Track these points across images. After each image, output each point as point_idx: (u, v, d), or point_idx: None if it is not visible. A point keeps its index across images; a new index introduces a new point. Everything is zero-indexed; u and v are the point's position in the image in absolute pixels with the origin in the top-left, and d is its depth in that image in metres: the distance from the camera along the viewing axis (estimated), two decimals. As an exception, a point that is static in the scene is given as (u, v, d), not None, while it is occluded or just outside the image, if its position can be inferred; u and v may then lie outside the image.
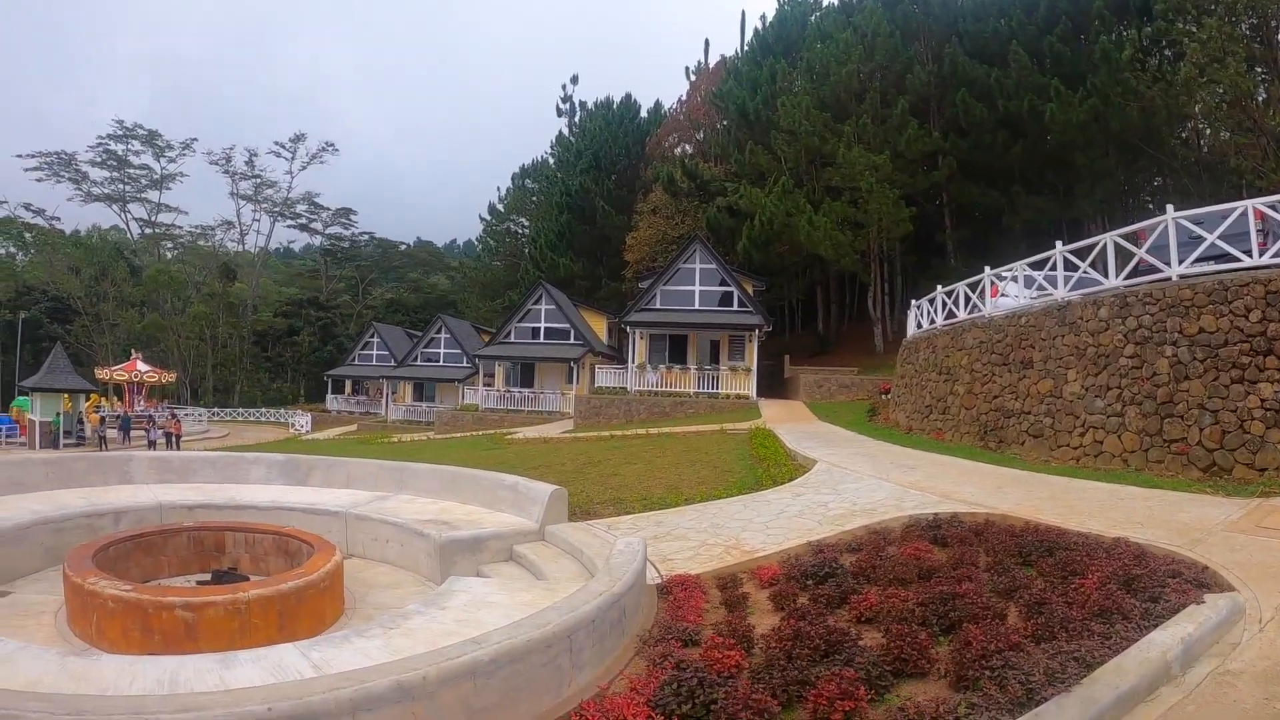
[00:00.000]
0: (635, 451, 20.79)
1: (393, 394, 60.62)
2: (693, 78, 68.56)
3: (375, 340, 66.74)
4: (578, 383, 42.78)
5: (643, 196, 58.42)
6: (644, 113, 69.99)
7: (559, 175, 70.63)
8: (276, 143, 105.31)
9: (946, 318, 20.28)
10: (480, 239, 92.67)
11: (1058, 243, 16.12)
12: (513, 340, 46.66)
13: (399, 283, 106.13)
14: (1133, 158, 38.67)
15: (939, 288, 21.15)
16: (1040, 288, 16.57)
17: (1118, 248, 14.54)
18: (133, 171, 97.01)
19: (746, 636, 6.11)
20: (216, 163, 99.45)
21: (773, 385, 39.29)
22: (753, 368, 35.78)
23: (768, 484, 13.34)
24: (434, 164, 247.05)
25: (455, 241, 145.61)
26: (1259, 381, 11.32)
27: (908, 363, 22.74)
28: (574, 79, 77.21)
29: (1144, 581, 6.52)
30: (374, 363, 65.50)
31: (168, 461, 13.94)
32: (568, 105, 76.43)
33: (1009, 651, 5.22)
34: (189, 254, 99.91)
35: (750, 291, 39.95)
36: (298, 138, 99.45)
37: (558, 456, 21.75)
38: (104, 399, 52.54)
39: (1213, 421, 11.62)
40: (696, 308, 39.03)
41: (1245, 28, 31.67)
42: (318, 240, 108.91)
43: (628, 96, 69.71)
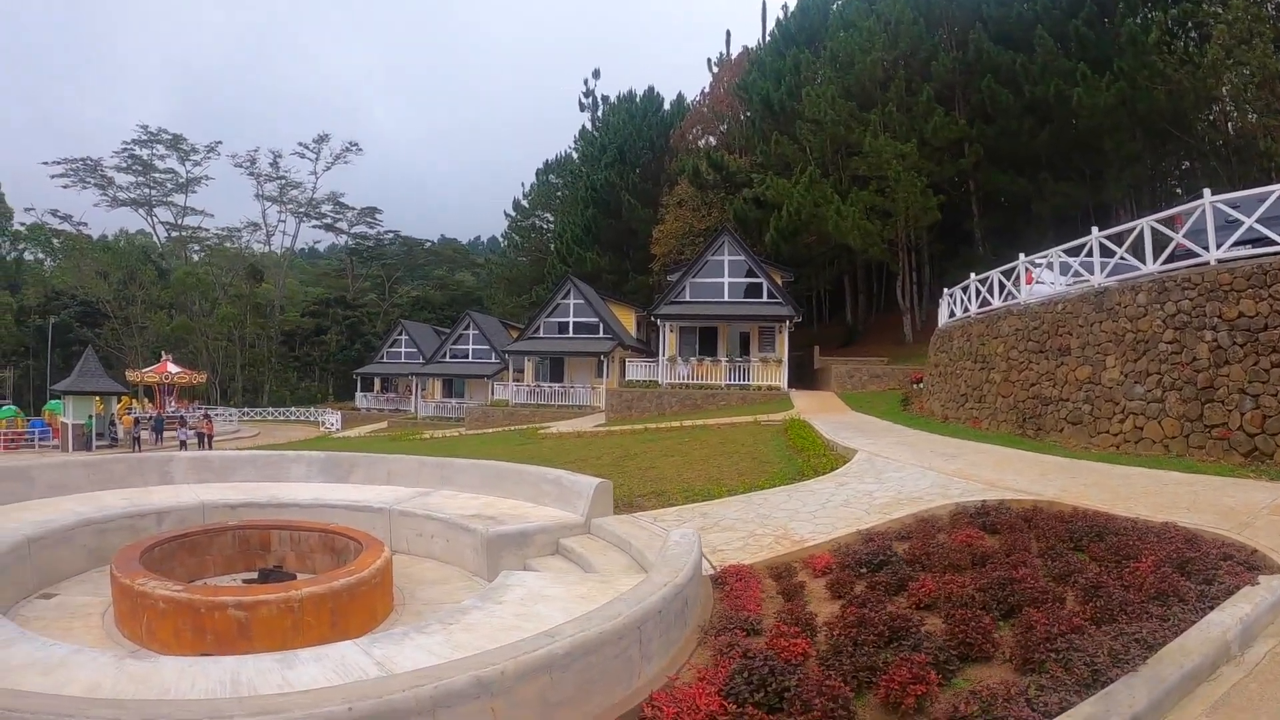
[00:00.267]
0: (671, 444, 20.82)
1: (422, 391, 60.89)
2: (715, 69, 68.49)
3: (403, 338, 67.18)
4: (608, 377, 42.94)
5: (668, 189, 58.50)
6: (667, 106, 70.01)
7: (583, 170, 70.75)
8: (300, 144, 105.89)
9: (980, 306, 20.19)
10: (505, 235, 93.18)
11: (1093, 228, 16.05)
12: (542, 335, 46.83)
13: (424, 280, 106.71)
14: (1160, 141, 38.30)
15: (972, 276, 21.06)
16: (1076, 274, 16.52)
17: (1154, 232, 14.50)
18: (158, 176, 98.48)
19: (809, 624, 6.22)
20: (241, 165, 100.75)
21: (802, 376, 39.25)
22: (783, 359, 35.80)
23: (809, 474, 13.36)
24: (456, 162, 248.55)
25: (479, 238, 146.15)
26: (1300, 366, 11.29)
27: (941, 351, 22.72)
28: (596, 73, 77.99)
29: (1197, 564, 6.60)
30: (402, 360, 65.91)
31: (208, 461, 14.01)
32: (590, 100, 76.81)
33: (1071, 634, 5.35)
34: (215, 256, 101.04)
35: (779, 282, 39.90)
36: (321, 139, 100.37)
37: (593, 450, 21.79)
38: (135, 401, 53.19)
39: (1254, 406, 11.59)
40: (726, 299, 39.03)
41: (1272, 8, 31.41)
42: (343, 240, 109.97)
43: (650, 89, 69.75)
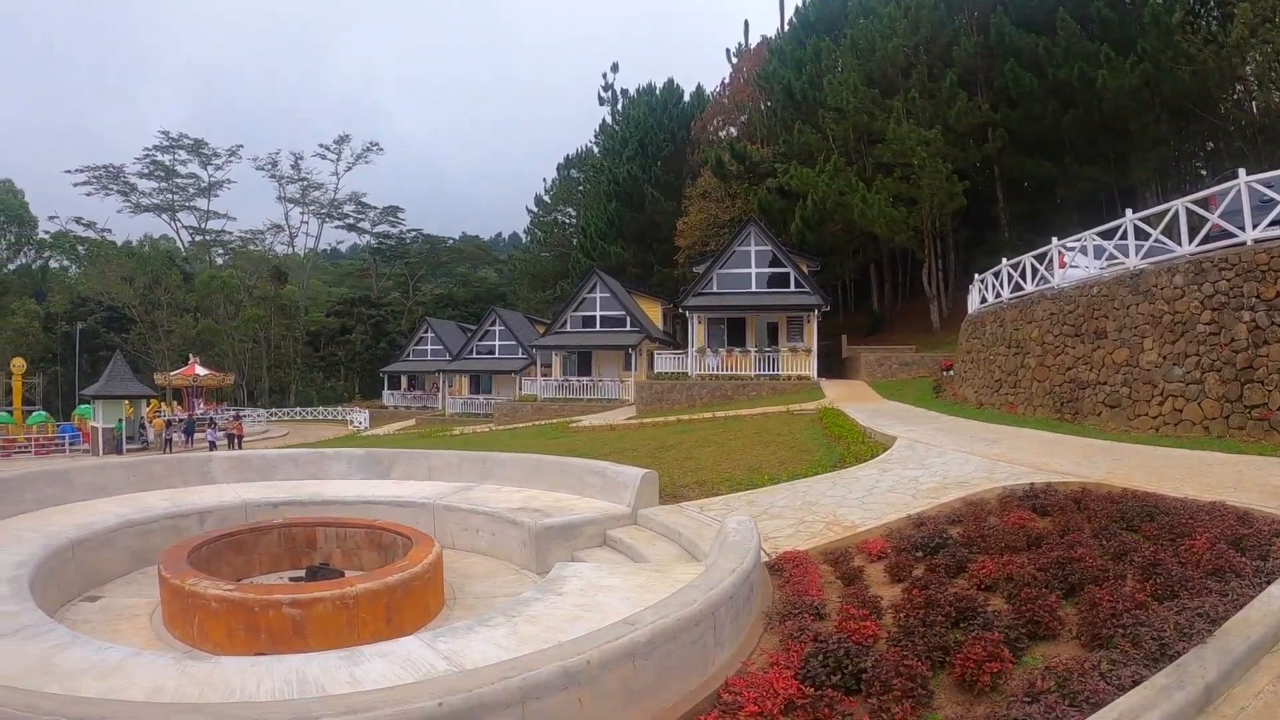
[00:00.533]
0: (706, 434, 20.92)
1: (449, 387, 61.25)
2: (734, 60, 68.34)
3: (429, 335, 67.57)
4: (636, 369, 43.09)
5: (691, 181, 58.48)
6: (686, 97, 69.83)
7: (605, 164, 70.83)
8: (321, 145, 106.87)
9: (1013, 291, 20.20)
10: (528, 230, 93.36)
11: (1127, 211, 16.07)
12: (569, 329, 47.01)
13: (447, 278, 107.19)
14: (1185, 123, 38.06)
15: (1004, 261, 21.05)
16: (1110, 257, 16.53)
17: (1188, 213, 14.46)
18: (180, 181, 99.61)
19: (876, 607, 6.33)
20: (263, 168, 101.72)
21: (831, 365, 39.32)
22: (813, 348, 35.83)
23: (851, 461, 13.45)
24: (476, 159, 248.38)
25: (500, 235, 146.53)
26: (1340, 344, 11.32)
27: (974, 338, 22.73)
28: (614, 67, 77.93)
29: (1251, 541, 6.70)
30: (429, 358, 66.31)
31: (248, 460, 14.05)
32: (609, 94, 76.79)
33: (1136, 610, 5.47)
34: (239, 258, 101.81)
35: (805, 272, 39.94)
36: (342, 139, 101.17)
37: (628, 442, 21.86)
38: (163, 404, 53.81)
39: (1294, 386, 11.65)
40: (753, 290, 39.11)
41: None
42: (365, 240, 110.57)
43: (670, 82, 69.73)
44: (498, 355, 58.32)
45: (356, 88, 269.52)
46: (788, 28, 59.73)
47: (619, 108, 74.09)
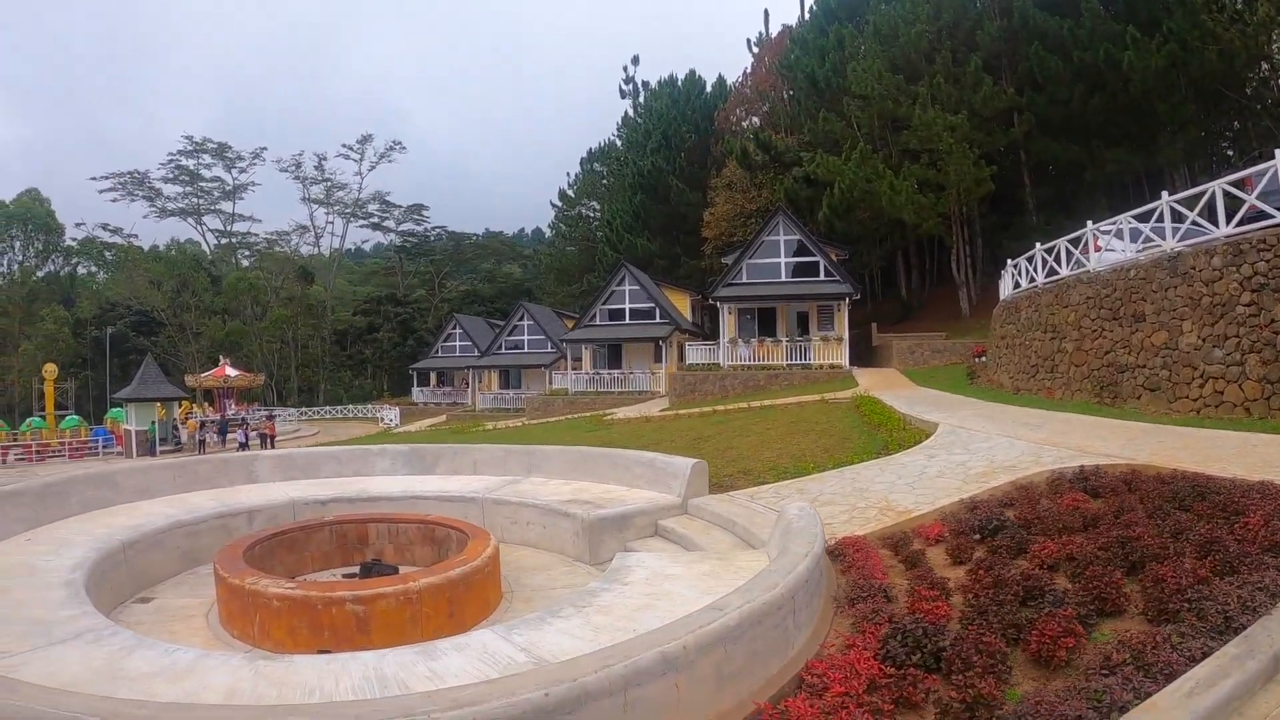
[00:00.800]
0: (743, 425, 21.02)
1: (479, 383, 61.54)
2: (755, 49, 68.07)
3: (457, 331, 67.88)
4: (666, 361, 43.27)
5: (715, 172, 58.43)
6: (709, 88, 69.56)
7: (628, 156, 70.76)
8: (345, 145, 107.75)
9: (1048, 275, 20.18)
10: (552, 225, 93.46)
11: (1163, 193, 16.01)
12: (598, 323, 47.27)
13: (472, 274, 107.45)
14: (1213, 103, 37.67)
15: (1037, 245, 21.01)
16: (1146, 240, 16.53)
17: (1225, 195, 14.46)
18: (205, 185, 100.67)
19: (944, 588, 6.52)
20: (286, 170, 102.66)
21: (861, 354, 39.29)
22: (844, 336, 35.82)
23: (895, 448, 13.55)
24: (496, 156, 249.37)
25: (524, 230, 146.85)
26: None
27: (1008, 323, 22.76)
28: (634, 59, 77.47)
29: (1305, 517, 6.85)
30: (457, 354, 66.71)
31: (292, 459, 14.17)
32: (630, 86, 76.69)
33: (1199, 585, 5.67)
34: (265, 260, 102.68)
35: (834, 260, 39.98)
36: (365, 139, 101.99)
37: (666, 433, 21.95)
38: (195, 405, 54.50)
39: (1337, 366, 11.71)
40: (783, 279, 39.18)
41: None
42: (390, 238, 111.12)
43: (692, 73, 69.50)
44: (526, 350, 58.52)
45: (375, 88, 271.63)
46: (808, 16, 59.48)
47: (640, 100, 74.02)
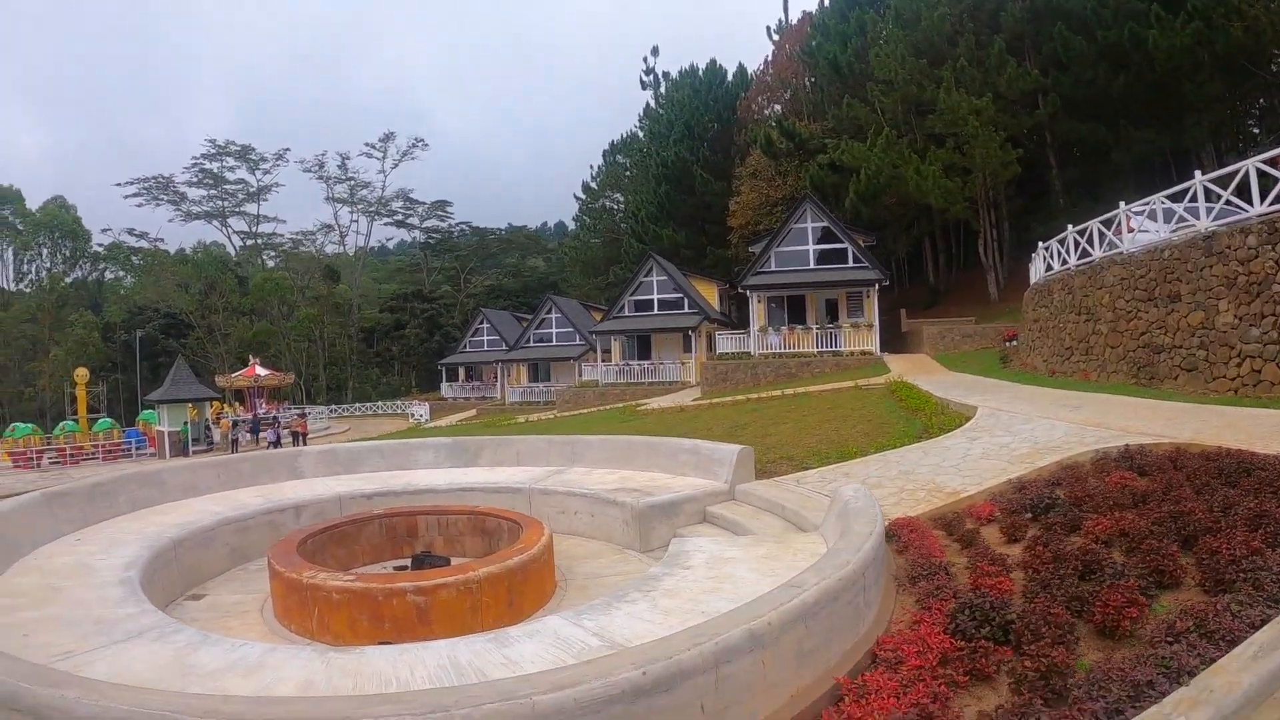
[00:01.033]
0: (778, 412, 21.17)
1: (507, 376, 61.87)
2: (775, 37, 67.98)
3: (485, 326, 68.24)
4: (696, 351, 43.46)
5: (739, 161, 58.51)
6: (730, 77, 69.63)
7: (651, 148, 70.92)
8: (367, 144, 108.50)
9: (1080, 257, 20.18)
10: (576, 218, 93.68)
11: (1196, 172, 15.96)
12: (627, 314, 47.48)
13: (497, 269, 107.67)
14: (1239, 80, 37.29)
15: (1070, 227, 20.99)
16: (1180, 220, 16.50)
17: (1259, 174, 14.42)
18: (229, 187, 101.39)
19: (1004, 564, 6.71)
20: (310, 170, 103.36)
21: (890, 340, 39.28)
22: (874, 323, 35.93)
23: (935, 432, 13.70)
24: (516, 150, 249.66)
25: (546, 224, 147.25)
26: None
27: (1041, 306, 22.80)
28: (654, 50, 77.50)
29: (1351, 492, 7.01)
30: (485, 348, 67.12)
31: (334, 454, 14.14)
32: (651, 78, 76.87)
33: (1253, 556, 5.85)
34: (290, 260, 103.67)
35: (862, 246, 40.03)
36: (387, 137, 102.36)
37: (701, 422, 22.06)
38: (226, 405, 55.14)
39: (1376, 343, 11.74)
40: (811, 266, 39.25)
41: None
42: (414, 235, 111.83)
43: (713, 62, 69.51)
44: (555, 343, 58.67)
45: (396, 87, 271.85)
46: (829, 2, 59.33)
47: (662, 91, 74.13)
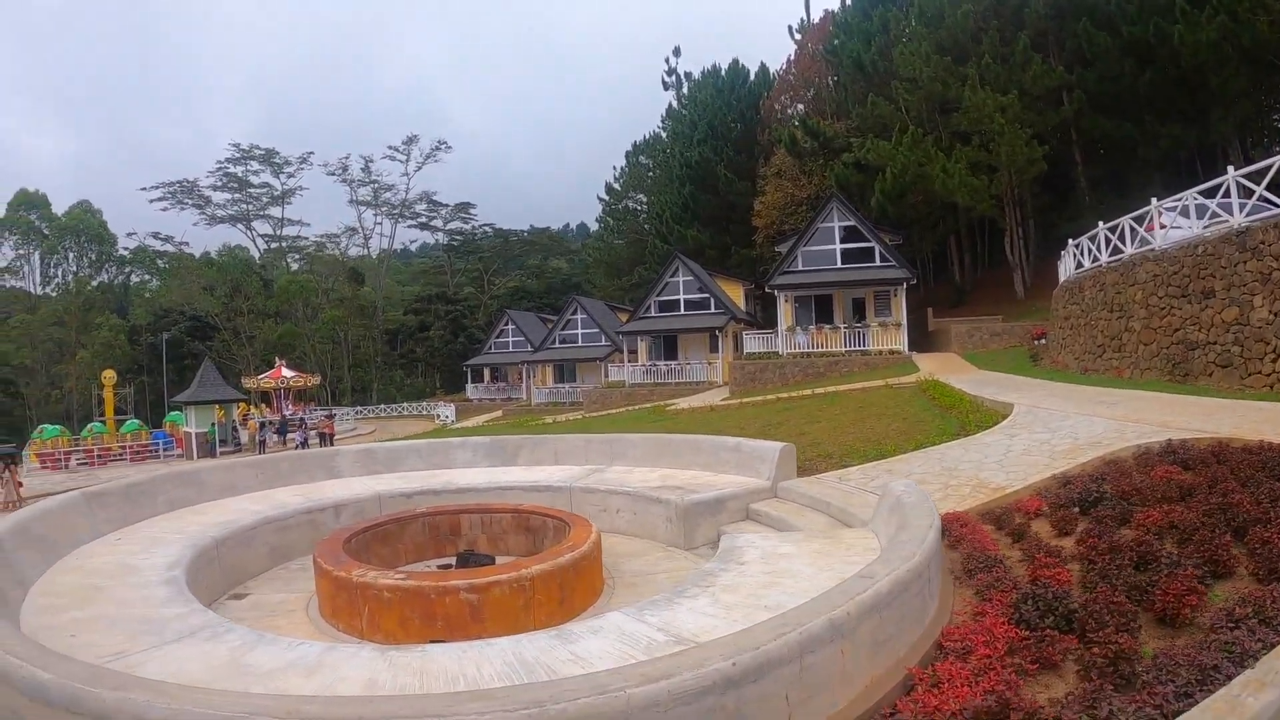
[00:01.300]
0: (810, 411, 21.24)
1: (533, 377, 62.01)
2: (797, 36, 67.95)
3: (510, 327, 68.52)
4: (722, 351, 43.58)
5: (763, 160, 58.52)
6: (752, 76, 69.49)
7: (675, 148, 70.98)
8: (390, 147, 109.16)
9: (1111, 254, 20.15)
10: (599, 219, 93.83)
11: (1229, 168, 15.93)
12: (653, 314, 47.60)
13: (520, 270, 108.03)
14: (1266, 75, 37.05)
15: (1100, 224, 20.96)
16: (1213, 216, 16.46)
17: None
18: (253, 191, 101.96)
19: (1060, 556, 6.88)
20: (334, 173, 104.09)
21: (917, 339, 39.24)
22: (902, 322, 36.01)
23: (972, 429, 13.78)
24: (537, 151, 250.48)
25: (568, 225, 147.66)
26: None
27: (1071, 303, 22.81)
28: (676, 51, 77.92)
29: (1396, 483, 7.14)
30: (510, 349, 67.43)
31: (373, 453, 14.23)
32: (673, 78, 77.10)
33: (1306, 545, 6.02)
34: (315, 262, 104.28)
35: (889, 245, 40.08)
36: (410, 140, 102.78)
37: (733, 421, 22.15)
38: (253, 407, 55.69)
39: None
40: (839, 266, 39.30)
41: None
42: (437, 238, 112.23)
43: (735, 62, 69.46)
44: (581, 344, 58.69)
45: (418, 89, 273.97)
46: (850, 0, 59.37)
47: (684, 92, 74.30)
